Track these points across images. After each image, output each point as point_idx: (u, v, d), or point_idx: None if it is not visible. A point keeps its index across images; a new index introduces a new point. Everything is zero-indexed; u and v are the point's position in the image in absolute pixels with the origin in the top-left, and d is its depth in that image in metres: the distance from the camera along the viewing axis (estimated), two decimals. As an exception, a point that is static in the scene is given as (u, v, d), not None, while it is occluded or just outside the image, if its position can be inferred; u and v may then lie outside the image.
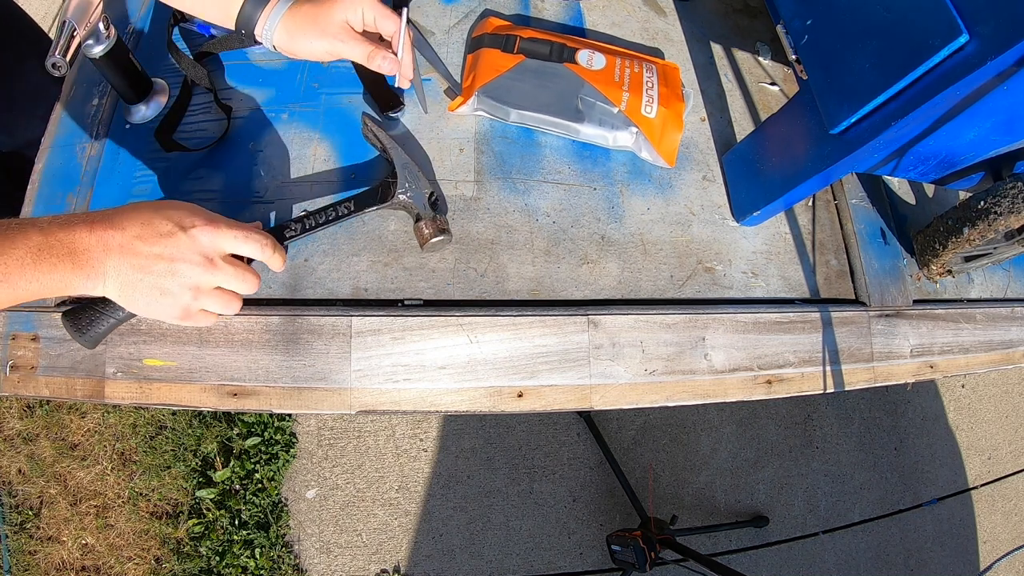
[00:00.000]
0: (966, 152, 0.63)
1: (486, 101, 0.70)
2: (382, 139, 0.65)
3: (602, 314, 0.65)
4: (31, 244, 0.44)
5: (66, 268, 0.46)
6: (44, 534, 1.55)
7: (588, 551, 1.72)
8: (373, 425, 1.70)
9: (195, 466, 1.59)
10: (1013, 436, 2.20)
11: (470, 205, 0.69)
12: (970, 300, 0.83)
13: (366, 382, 0.60)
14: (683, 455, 1.84)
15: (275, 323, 0.60)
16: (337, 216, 0.62)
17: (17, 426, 1.59)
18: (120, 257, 0.48)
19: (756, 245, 0.75)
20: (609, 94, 0.71)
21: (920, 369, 0.76)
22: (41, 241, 0.45)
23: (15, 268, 0.44)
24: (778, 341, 0.70)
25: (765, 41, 0.89)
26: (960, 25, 0.44)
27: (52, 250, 0.45)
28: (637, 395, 0.65)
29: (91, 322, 0.53)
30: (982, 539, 2.06)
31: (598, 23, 0.83)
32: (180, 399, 0.59)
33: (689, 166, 0.77)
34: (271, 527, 1.58)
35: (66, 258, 0.46)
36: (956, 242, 0.71)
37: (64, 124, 0.67)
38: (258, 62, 0.72)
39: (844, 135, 0.56)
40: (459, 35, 0.77)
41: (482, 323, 0.63)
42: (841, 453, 1.97)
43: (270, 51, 0.63)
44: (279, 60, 0.72)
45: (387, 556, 1.63)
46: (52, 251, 0.45)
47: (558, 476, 1.75)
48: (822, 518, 1.89)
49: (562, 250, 0.69)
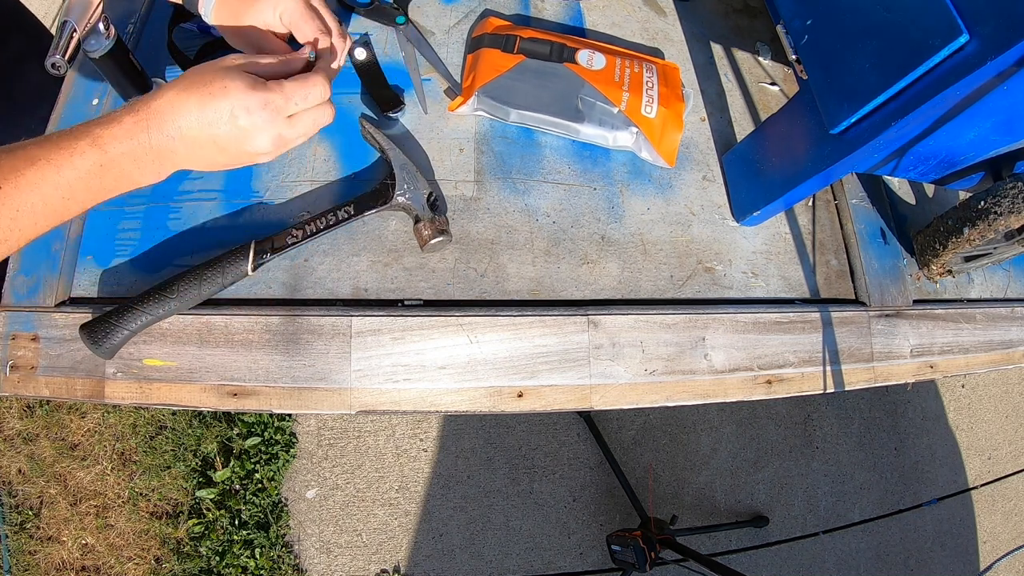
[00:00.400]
0: (966, 152, 0.63)
1: (486, 101, 0.70)
2: (380, 140, 0.65)
3: (602, 314, 0.65)
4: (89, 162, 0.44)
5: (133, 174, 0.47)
6: (44, 534, 1.55)
7: (588, 551, 1.72)
8: (373, 425, 1.70)
9: (195, 466, 1.59)
10: (1013, 436, 2.20)
11: (470, 205, 0.69)
12: (970, 300, 0.83)
13: (366, 382, 0.60)
14: (683, 455, 1.84)
15: (275, 323, 0.60)
16: (337, 221, 0.62)
17: (17, 426, 1.59)
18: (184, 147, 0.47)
19: (756, 245, 0.75)
20: (609, 94, 0.71)
21: (920, 369, 0.76)
22: (100, 158, 0.44)
23: (80, 187, 0.44)
24: (778, 341, 0.70)
25: (765, 41, 0.89)
26: (960, 25, 0.44)
27: (113, 164, 0.45)
28: (637, 395, 0.65)
29: (107, 333, 0.54)
30: (982, 539, 2.06)
31: (598, 23, 0.83)
32: (180, 399, 0.59)
33: (689, 166, 0.77)
34: (271, 527, 1.58)
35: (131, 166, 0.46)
36: (956, 242, 0.71)
37: (64, 124, 0.67)
38: (258, 62, 0.72)
39: (844, 135, 0.56)
40: (459, 35, 0.77)
41: (482, 323, 0.63)
42: (841, 453, 1.97)
43: None
44: (279, 60, 0.72)
45: (387, 556, 1.63)
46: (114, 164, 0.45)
47: (558, 476, 1.75)
48: (822, 518, 1.89)
49: (562, 250, 0.69)
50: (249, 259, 0.59)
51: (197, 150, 0.48)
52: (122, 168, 0.46)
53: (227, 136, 0.48)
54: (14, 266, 0.62)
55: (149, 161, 0.47)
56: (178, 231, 0.63)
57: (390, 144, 0.64)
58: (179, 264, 0.62)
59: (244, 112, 0.47)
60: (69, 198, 0.44)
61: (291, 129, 0.51)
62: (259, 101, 0.48)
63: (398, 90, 0.71)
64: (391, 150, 0.64)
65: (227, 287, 0.59)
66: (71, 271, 0.62)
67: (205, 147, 0.48)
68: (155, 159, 0.47)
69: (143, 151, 0.46)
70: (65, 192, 0.44)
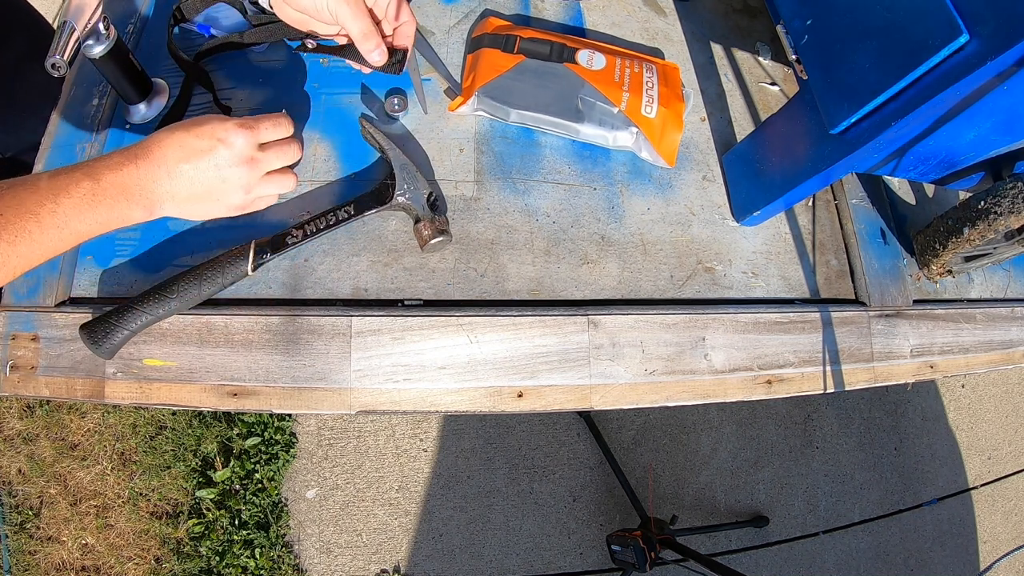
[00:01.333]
0: (966, 152, 0.63)
1: (486, 101, 0.70)
2: (380, 141, 0.65)
3: (602, 314, 0.65)
4: (83, 190, 0.47)
5: (123, 206, 0.50)
6: (44, 534, 1.55)
7: (588, 551, 1.72)
8: (373, 425, 1.70)
9: (195, 466, 1.59)
10: (1013, 436, 2.20)
11: (470, 205, 0.69)
12: (970, 300, 0.83)
13: (366, 382, 0.60)
14: (683, 455, 1.84)
15: (275, 323, 0.60)
16: (337, 221, 0.62)
17: (17, 426, 1.59)
18: (170, 183, 0.51)
19: (756, 245, 0.75)
20: (609, 94, 0.71)
21: (920, 369, 0.76)
22: (93, 186, 0.48)
23: (73, 215, 0.47)
24: (778, 341, 0.70)
25: (765, 41, 0.89)
26: (960, 25, 0.44)
27: (105, 193, 0.48)
28: (637, 395, 0.65)
29: (107, 334, 0.54)
30: (982, 539, 2.06)
31: (598, 23, 0.83)
32: (180, 399, 0.59)
33: (689, 166, 0.77)
34: (271, 527, 1.58)
35: (120, 198, 0.49)
36: (956, 242, 0.71)
37: (64, 124, 0.67)
38: (258, 62, 0.72)
39: (844, 135, 0.56)
40: (459, 35, 0.77)
41: (482, 323, 0.63)
42: (841, 453, 1.97)
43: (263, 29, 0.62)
44: (279, 60, 0.72)
45: (387, 556, 1.63)
46: (106, 194, 0.48)
47: (558, 476, 1.75)
48: (822, 518, 1.89)
49: (562, 250, 0.69)
50: (249, 259, 0.59)
51: (181, 189, 0.52)
52: (113, 199, 0.49)
53: (209, 182, 0.53)
54: (14, 266, 0.62)
55: (137, 194, 0.50)
56: (178, 231, 0.63)
57: (390, 144, 0.64)
58: (179, 264, 0.62)
59: (228, 164, 0.53)
60: (63, 227, 0.47)
61: (263, 187, 0.56)
62: (245, 157, 0.54)
63: (400, 92, 0.71)
64: (391, 150, 0.64)
65: (227, 287, 0.59)
66: (71, 271, 0.62)
67: (188, 188, 0.52)
68: (142, 193, 0.51)
69: (132, 183, 0.50)
70: (60, 220, 0.47)
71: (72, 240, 0.48)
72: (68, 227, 0.47)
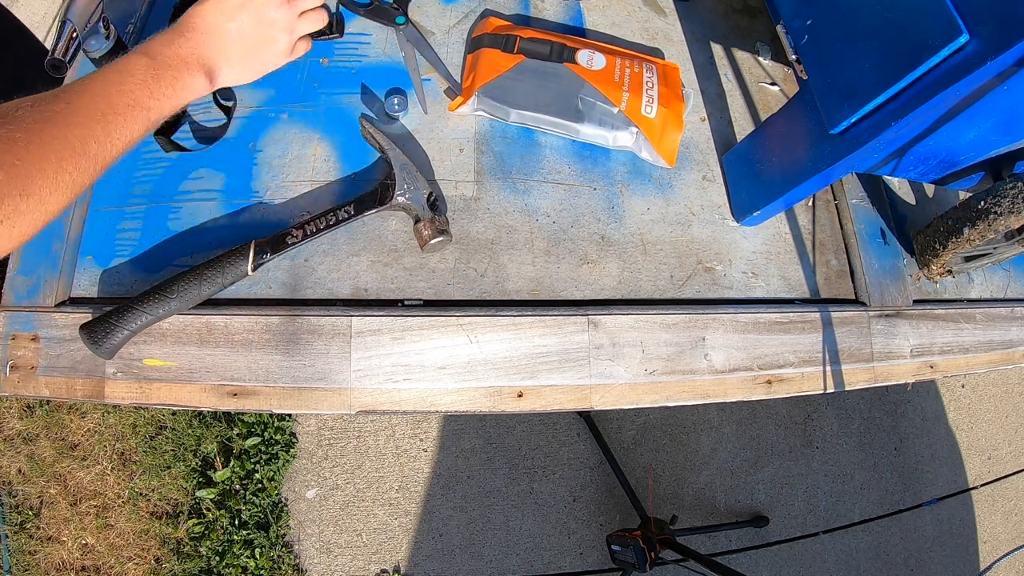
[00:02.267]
0: (966, 152, 0.63)
1: (486, 101, 0.70)
2: (380, 141, 0.65)
3: (602, 314, 0.65)
4: (143, 67, 0.49)
5: (185, 77, 0.51)
6: (44, 534, 1.55)
7: (588, 551, 1.72)
8: (373, 425, 1.70)
9: (195, 466, 1.59)
10: (1013, 436, 2.20)
11: (470, 205, 0.69)
12: (970, 300, 0.83)
13: (366, 382, 0.60)
14: (683, 455, 1.84)
15: (275, 323, 0.60)
16: (337, 221, 0.62)
17: (17, 426, 1.59)
18: (222, 46, 0.54)
19: (756, 245, 0.75)
20: (609, 94, 0.71)
21: (920, 369, 0.76)
22: (151, 63, 0.49)
23: (142, 92, 0.48)
24: (778, 341, 0.70)
25: (765, 41, 0.89)
26: (960, 25, 0.44)
27: (166, 65, 0.50)
28: (637, 395, 0.65)
29: (107, 333, 0.55)
30: (982, 539, 2.06)
31: (598, 23, 0.83)
32: (180, 399, 0.59)
33: (689, 166, 0.77)
34: (271, 527, 1.58)
35: (182, 69, 0.51)
36: (956, 242, 0.71)
37: (64, 124, 0.67)
38: (258, 62, 0.72)
39: (844, 135, 0.56)
40: (459, 35, 0.77)
41: (482, 323, 0.63)
42: (841, 453, 1.97)
43: None
44: (279, 60, 0.72)
45: (387, 556, 1.63)
46: (167, 67, 0.50)
47: (558, 476, 1.75)
48: (822, 518, 1.89)
49: (562, 250, 0.69)
50: (249, 259, 0.59)
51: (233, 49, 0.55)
52: (175, 70, 0.51)
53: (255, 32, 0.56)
54: (14, 266, 0.62)
55: (195, 63, 0.52)
56: (178, 231, 0.63)
57: (390, 144, 0.64)
58: (179, 264, 0.62)
59: (266, 8, 0.56)
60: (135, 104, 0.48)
61: (302, 25, 0.59)
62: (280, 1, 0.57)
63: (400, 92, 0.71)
64: (391, 150, 0.64)
65: (227, 287, 0.59)
66: (71, 271, 0.62)
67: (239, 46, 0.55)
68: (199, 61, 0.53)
69: (188, 53, 0.52)
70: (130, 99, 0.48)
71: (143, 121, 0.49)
72: (139, 104, 0.48)
